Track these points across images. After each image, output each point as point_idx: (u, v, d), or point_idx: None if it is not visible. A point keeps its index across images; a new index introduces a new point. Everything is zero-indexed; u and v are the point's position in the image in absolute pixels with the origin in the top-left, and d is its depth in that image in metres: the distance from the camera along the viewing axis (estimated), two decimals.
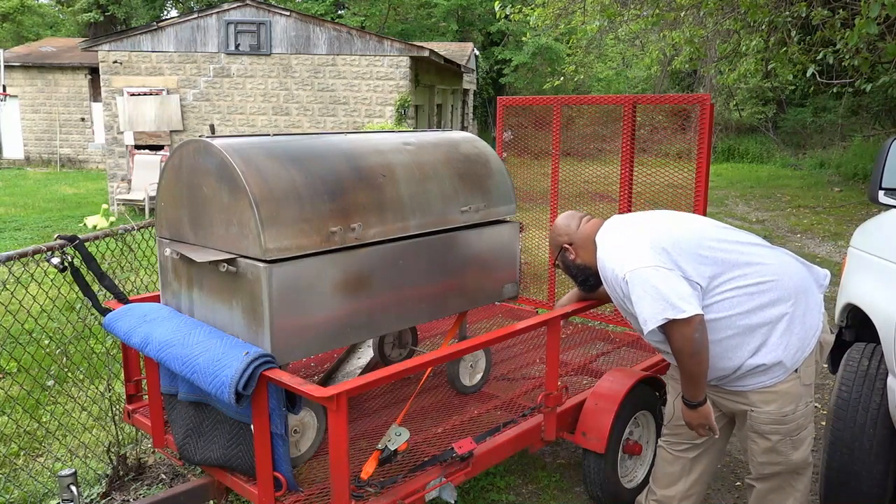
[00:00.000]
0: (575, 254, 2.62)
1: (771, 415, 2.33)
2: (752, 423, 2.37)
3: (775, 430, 2.34)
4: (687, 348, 2.18)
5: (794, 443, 2.37)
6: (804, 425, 2.38)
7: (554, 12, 10.67)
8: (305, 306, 2.36)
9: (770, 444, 2.37)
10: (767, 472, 2.43)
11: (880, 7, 5.11)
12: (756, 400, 2.34)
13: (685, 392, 2.31)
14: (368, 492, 2.30)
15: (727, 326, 2.28)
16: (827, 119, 21.29)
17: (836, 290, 3.82)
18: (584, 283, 2.68)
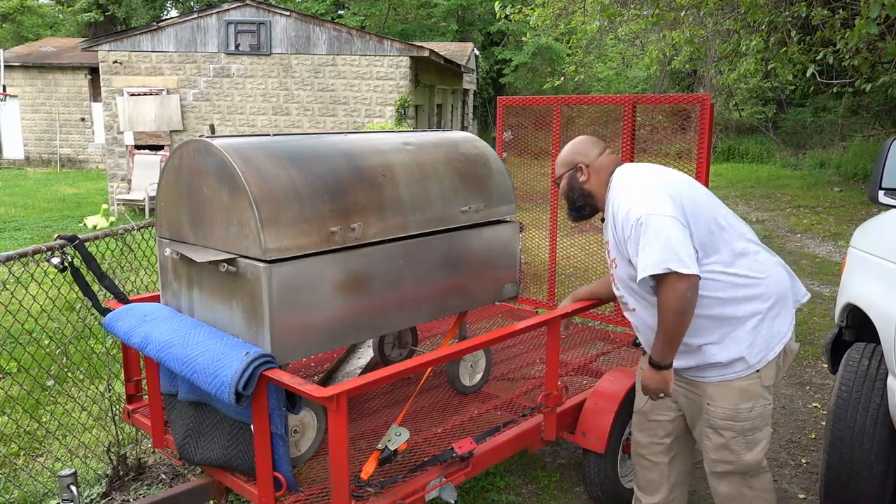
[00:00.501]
0: (587, 177, 2.53)
1: (727, 409, 2.33)
2: (708, 418, 2.38)
3: (730, 426, 2.34)
4: (677, 305, 2.18)
5: (748, 443, 2.36)
6: (759, 426, 2.37)
7: (554, 12, 10.67)
8: (305, 306, 2.36)
9: (723, 440, 2.36)
10: (719, 469, 2.42)
11: (880, 7, 5.11)
12: (713, 393, 2.35)
13: (656, 352, 2.30)
14: (368, 492, 2.30)
15: (702, 306, 2.28)
16: (827, 119, 21.29)
17: (836, 290, 3.82)
18: (580, 210, 2.59)
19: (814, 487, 3.41)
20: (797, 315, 6.14)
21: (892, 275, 2.68)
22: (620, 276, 2.45)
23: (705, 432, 2.41)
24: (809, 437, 3.96)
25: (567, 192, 2.60)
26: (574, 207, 2.60)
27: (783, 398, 4.50)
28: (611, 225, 2.42)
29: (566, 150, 2.62)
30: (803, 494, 3.36)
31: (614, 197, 2.42)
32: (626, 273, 2.38)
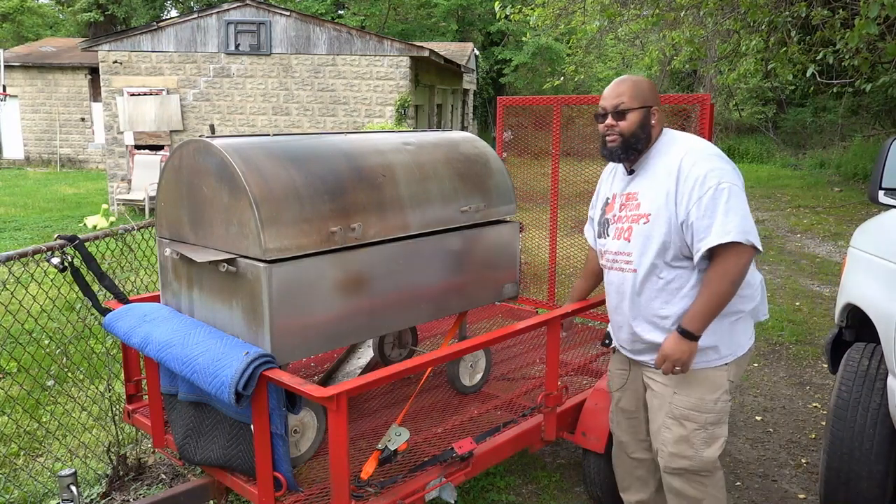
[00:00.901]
0: (657, 122, 2.37)
1: (692, 399, 2.34)
2: (672, 408, 2.37)
3: (692, 416, 2.34)
4: (738, 276, 2.19)
5: (708, 437, 2.35)
6: (721, 421, 2.37)
7: (554, 12, 10.66)
8: (305, 306, 2.36)
9: (685, 432, 2.36)
10: (675, 465, 2.40)
11: (880, 7, 5.10)
12: (680, 381, 2.35)
13: (695, 321, 2.23)
14: (368, 492, 2.30)
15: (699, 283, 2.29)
16: (827, 119, 21.30)
17: (836, 290, 3.82)
18: (632, 150, 2.37)
19: (814, 487, 3.41)
20: (797, 315, 6.16)
21: (892, 275, 2.68)
22: (645, 233, 2.32)
23: (666, 423, 2.39)
24: (809, 437, 3.96)
25: (633, 129, 2.34)
26: (630, 146, 2.36)
27: (783, 398, 4.50)
28: (663, 180, 2.29)
29: (643, 86, 2.39)
30: (803, 494, 3.36)
31: (679, 153, 2.30)
32: (657, 231, 2.28)
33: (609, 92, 2.40)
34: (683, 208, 2.23)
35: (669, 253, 2.28)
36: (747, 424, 4.11)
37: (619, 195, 2.48)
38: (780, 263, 8.22)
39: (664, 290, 2.33)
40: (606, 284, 2.57)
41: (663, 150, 2.37)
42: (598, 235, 2.58)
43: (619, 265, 2.44)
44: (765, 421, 4.17)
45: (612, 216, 2.48)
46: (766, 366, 5.05)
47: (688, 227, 2.23)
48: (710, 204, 2.19)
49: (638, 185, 2.40)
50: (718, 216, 2.17)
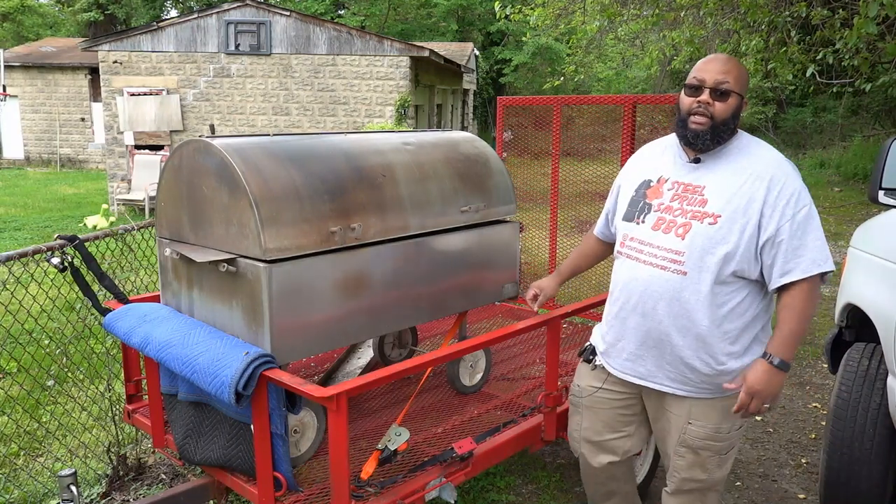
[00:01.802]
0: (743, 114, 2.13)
1: (708, 430, 2.17)
2: (686, 438, 2.20)
3: (708, 445, 2.19)
4: (817, 302, 2.05)
5: (721, 461, 2.22)
6: (734, 444, 2.24)
7: (554, 12, 10.66)
8: (305, 306, 2.36)
9: (699, 459, 2.21)
10: (687, 487, 2.27)
11: (879, 7, 5.10)
12: (696, 412, 2.17)
13: (788, 350, 1.99)
14: (368, 492, 2.30)
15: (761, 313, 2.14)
16: (827, 119, 21.31)
17: (836, 290, 3.82)
18: (718, 140, 2.10)
19: (814, 487, 3.41)
20: None
21: (892, 275, 2.68)
22: (709, 235, 2.05)
23: (679, 451, 2.23)
24: (809, 437, 3.96)
25: (727, 116, 2.08)
26: (717, 133, 2.09)
27: (783, 398, 4.50)
28: (745, 182, 2.05)
29: (742, 70, 2.11)
30: (803, 494, 3.36)
31: (769, 159, 2.08)
32: (726, 237, 2.03)
33: (712, 66, 2.08)
34: (775, 222, 1.99)
35: (731, 266, 2.03)
36: (747, 424, 4.11)
37: (671, 181, 2.18)
38: None
39: (734, 312, 2.08)
40: (623, 281, 2.24)
41: (745, 149, 2.12)
42: (626, 218, 2.26)
43: (658, 261, 2.12)
44: (765, 421, 4.17)
45: (658, 203, 2.17)
46: None
47: (774, 243, 2.00)
48: (804, 225, 2.00)
49: (706, 179, 2.11)
50: (812, 241, 2.00)
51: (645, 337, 2.19)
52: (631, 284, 2.20)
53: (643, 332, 2.19)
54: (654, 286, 2.13)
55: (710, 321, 2.08)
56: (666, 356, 2.16)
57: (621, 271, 2.26)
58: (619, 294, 2.25)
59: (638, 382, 2.27)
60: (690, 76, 2.12)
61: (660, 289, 2.12)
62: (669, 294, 2.10)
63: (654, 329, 2.16)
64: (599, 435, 2.44)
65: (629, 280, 2.21)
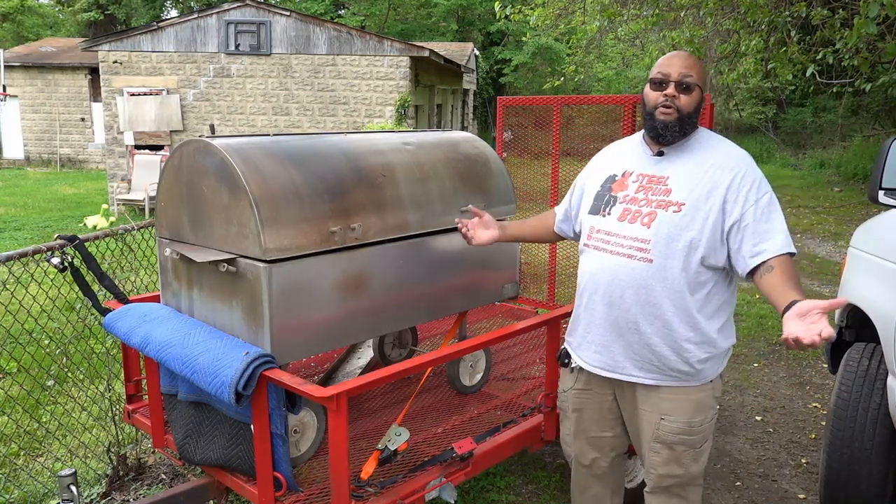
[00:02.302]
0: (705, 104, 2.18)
1: (681, 424, 2.18)
2: (659, 434, 2.20)
3: (682, 440, 2.19)
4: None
5: (696, 455, 2.23)
6: (708, 437, 2.25)
7: (554, 12, 10.66)
8: (305, 306, 2.36)
9: (674, 454, 2.22)
10: (665, 484, 2.27)
11: (879, 7, 5.10)
12: (668, 407, 2.18)
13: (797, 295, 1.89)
14: (368, 492, 2.30)
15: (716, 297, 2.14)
16: (827, 119, 21.31)
17: (836, 290, 3.81)
18: (682, 133, 2.16)
19: (814, 487, 3.41)
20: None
21: (892, 275, 2.68)
22: (673, 222, 2.08)
23: (653, 447, 2.24)
24: (809, 437, 3.96)
25: (691, 109, 2.14)
26: (684, 125, 2.15)
27: (783, 398, 4.50)
28: (707, 172, 2.09)
29: (703, 68, 2.19)
30: (803, 494, 3.36)
31: (731, 151, 2.16)
32: (689, 224, 2.06)
33: (676, 61, 2.15)
34: (739, 207, 2.04)
35: (697, 252, 2.07)
36: (747, 424, 4.11)
37: (636, 174, 2.22)
38: None
39: (699, 301, 2.10)
40: (590, 272, 2.26)
41: (706, 143, 2.19)
42: (592, 212, 2.29)
43: (624, 250, 2.15)
44: (765, 421, 4.17)
45: (624, 195, 2.21)
46: (766, 366, 5.05)
47: (739, 228, 2.04)
48: (768, 209, 2.06)
49: (669, 170, 2.16)
50: (777, 224, 2.06)
51: (613, 326, 2.21)
52: (598, 274, 2.22)
53: (611, 321, 2.21)
54: (621, 275, 2.15)
55: (675, 308, 2.11)
56: (633, 345, 2.18)
57: (588, 263, 2.29)
58: (587, 284, 2.27)
59: (608, 375, 2.28)
60: (654, 71, 2.17)
61: (627, 277, 2.14)
62: (636, 282, 2.13)
63: (621, 318, 2.18)
64: (587, 433, 2.43)
65: (596, 270, 2.23)
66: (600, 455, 2.45)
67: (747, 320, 6.04)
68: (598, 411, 2.39)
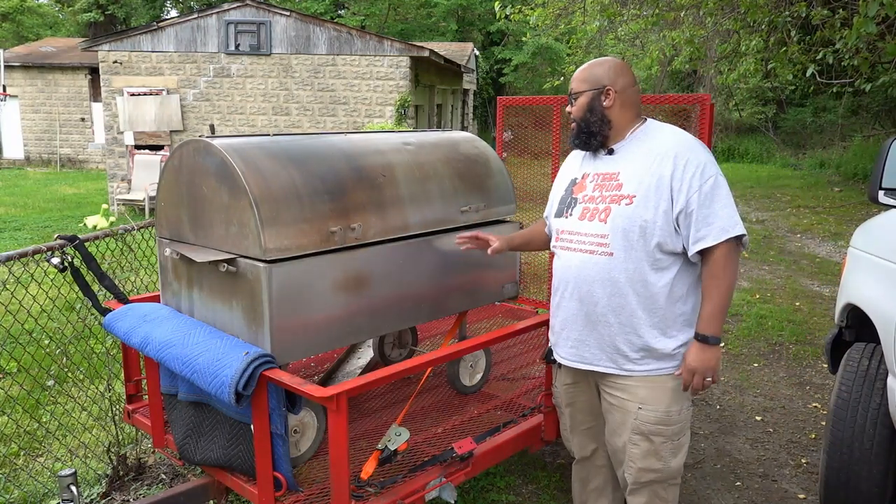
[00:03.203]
0: (611, 104, 2.25)
1: (658, 413, 2.23)
2: (638, 424, 2.25)
3: (660, 430, 2.24)
4: (734, 273, 2.12)
5: (675, 448, 2.28)
6: (684, 430, 2.29)
7: (554, 12, 10.67)
8: (305, 306, 2.36)
9: (653, 446, 2.26)
10: (644, 479, 2.31)
11: (878, 6, 5.10)
12: (645, 396, 2.23)
13: (712, 324, 2.11)
14: (368, 492, 2.30)
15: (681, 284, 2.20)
16: (827, 119, 21.32)
17: (836, 290, 3.81)
18: (591, 136, 2.28)
19: (814, 487, 3.41)
20: (797, 315, 6.12)
21: (892, 275, 2.68)
22: (627, 215, 2.16)
23: (633, 440, 2.28)
24: (809, 437, 3.96)
25: (584, 114, 2.28)
26: (587, 132, 2.28)
27: (783, 398, 4.50)
28: (653, 163, 2.17)
29: (593, 68, 2.29)
30: (803, 494, 3.36)
31: (671, 139, 2.21)
32: (641, 214, 2.14)
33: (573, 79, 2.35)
34: (684, 196, 2.11)
35: (652, 240, 2.14)
36: (747, 424, 4.11)
37: (592, 174, 2.32)
38: (779, 263, 8.22)
39: (662, 290, 2.17)
40: (559, 270, 2.35)
41: (651, 133, 2.26)
42: (557, 215, 2.40)
43: (586, 247, 2.25)
44: (765, 421, 4.17)
45: (583, 196, 2.31)
46: (766, 366, 5.05)
47: (686, 215, 2.11)
48: (711, 194, 2.10)
49: (619, 166, 2.25)
50: (720, 208, 2.10)
51: (585, 321, 2.29)
52: (566, 272, 2.32)
53: (582, 316, 2.29)
54: (586, 270, 2.24)
55: (639, 297, 2.18)
56: (605, 337, 2.25)
57: (557, 262, 2.38)
58: (558, 283, 2.37)
59: (585, 368, 2.34)
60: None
61: (591, 272, 2.23)
62: (601, 276, 2.22)
63: (591, 312, 2.26)
64: (583, 424, 2.51)
65: (564, 268, 2.33)
66: (599, 445, 2.51)
67: (747, 320, 6.04)
68: (588, 402, 2.47)
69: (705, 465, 3.62)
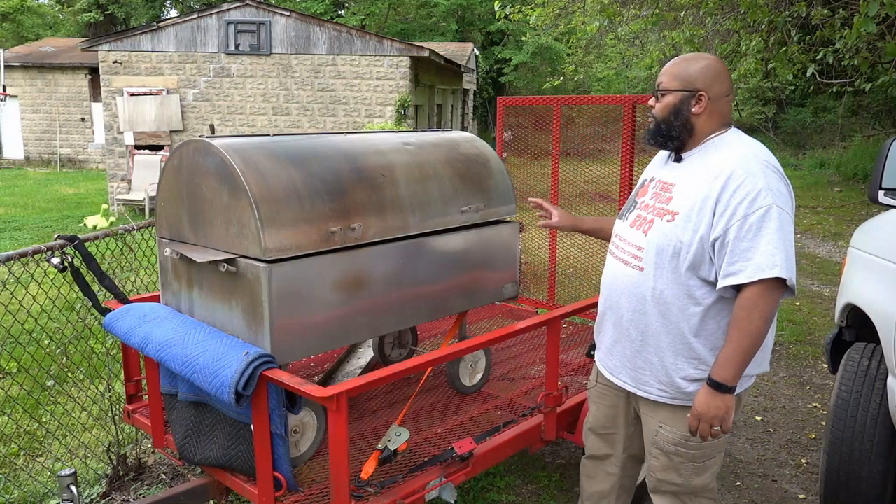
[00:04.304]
0: (702, 109, 2.04)
1: (677, 436, 2.11)
2: (657, 440, 2.17)
3: (679, 451, 2.14)
4: (771, 315, 1.89)
5: (697, 469, 2.15)
6: (711, 454, 2.14)
7: (554, 12, 10.66)
8: (305, 306, 2.36)
9: (672, 463, 2.16)
10: (664, 489, 2.23)
11: (878, 6, 5.10)
12: (665, 417, 2.14)
13: (726, 371, 1.90)
14: (368, 492, 2.30)
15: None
16: (827, 119, 21.31)
17: (836, 290, 3.82)
18: (668, 140, 2.10)
19: (814, 487, 3.41)
20: (797, 315, 6.11)
21: (892, 275, 2.68)
22: (665, 232, 2.03)
23: (653, 452, 2.21)
24: (809, 437, 3.96)
25: (667, 115, 2.08)
26: (665, 134, 2.10)
27: (783, 398, 4.50)
28: (705, 180, 1.99)
29: (689, 64, 2.07)
30: (803, 494, 3.36)
31: (736, 157, 1.98)
32: (676, 235, 2.00)
33: (663, 69, 2.13)
34: (724, 221, 1.91)
35: (683, 264, 1.98)
36: (747, 424, 4.11)
37: (656, 180, 2.18)
38: None
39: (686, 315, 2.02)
40: (603, 275, 2.30)
41: (720, 145, 2.06)
42: (620, 217, 2.30)
43: (625, 256, 2.16)
44: (765, 421, 4.17)
45: (642, 202, 2.19)
46: None
47: (723, 244, 1.92)
48: (757, 225, 1.87)
49: (679, 177, 2.09)
50: (763, 244, 1.86)
51: (612, 330, 2.25)
52: (606, 277, 2.28)
53: (611, 325, 2.25)
54: (619, 281, 2.18)
55: (663, 321, 2.06)
56: (627, 352, 2.20)
57: (606, 266, 2.32)
58: (602, 289, 2.32)
59: (607, 376, 2.32)
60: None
61: (622, 283, 2.16)
62: (629, 289, 2.13)
63: (618, 323, 2.21)
64: (603, 428, 2.45)
65: (606, 273, 2.29)
66: (613, 452, 2.45)
67: None
68: (612, 407, 2.39)
69: None
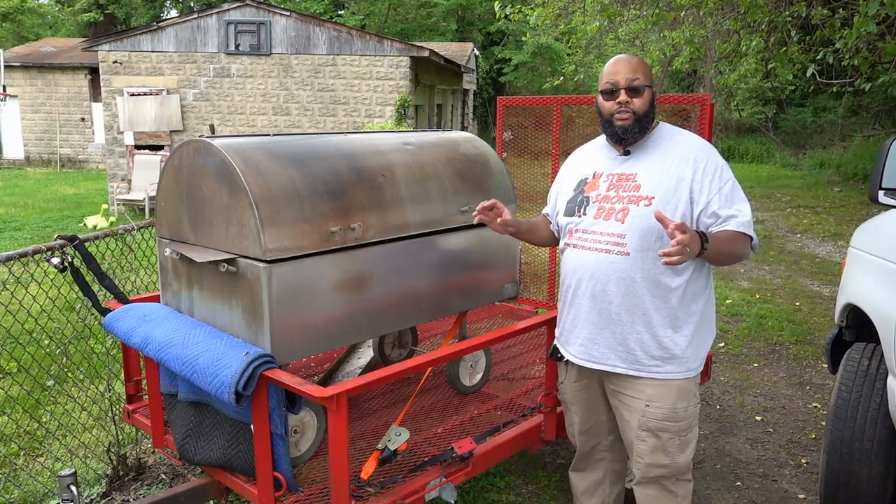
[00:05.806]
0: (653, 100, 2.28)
1: (665, 409, 2.26)
2: (645, 420, 2.28)
3: (667, 426, 2.27)
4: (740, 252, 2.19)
5: (682, 444, 2.30)
6: (692, 426, 2.32)
7: (554, 12, 10.67)
8: (305, 306, 2.36)
9: (660, 442, 2.29)
10: (653, 474, 2.33)
11: (879, 5, 5.10)
12: (653, 394, 2.26)
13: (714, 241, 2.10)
14: (368, 492, 2.30)
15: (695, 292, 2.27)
16: (827, 119, 21.32)
17: (836, 290, 3.81)
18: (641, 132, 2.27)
19: (814, 487, 3.41)
20: (797, 315, 6.13)
21: (892, 275, 2.68)
22: (646, 216, 2.17)
23: (640, 436, 2.31)
24: (809, 437, 3.96)
25: (647, 109, 2.25)
26: (643, 126, 2.26)
27: (783, 398, 4.50)
28: (673, 165, 2.20)
29: (643, 63, 2.28)
30: (803, 494, 3.36)
31: (692, 142, 2.27)
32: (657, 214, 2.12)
33: (622, 67, 2.25)
34: (705, 197, 2.17)
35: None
36: (747, 424, 4.11)
37: (606, 174, 2.34)
38: (780, 263, 8.22)
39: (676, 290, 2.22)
40: (571, 268, 2.36)
41: (668, 136, 2.30)
42: (567, 213, 2.40)
43: (602, 245, 2.26)
44: (765, 421, 4.17)
45: (596, 195, 2.33)
46: (766, 366, 5.05)
47: (710, 214, 2.17)
48: (731, 195, 2.19)
49: (636, 167, 2.27)
50: (741, 206, 2.20)
51: (597, 319, 2.31)
52: (580, 270, 2.34)
53: (595, 314, 2.31)
54: (602, 269, 2.27)
55: (653, 297, 2.22)
56: (617, 336, 2.28)
57: (569, 260, 2.39)
58: (570, 280, 2.38)
59: (595, 367, 2.37)
60: (603, 81, 2.29)
61: (607, 271, 2.26)
62: (617, 275, 2.24)
63: (604, 310, 2.28)
64: (587, 421, 2.54)
65: (578, 267, 2.35)
66: (600, 440, 2.56)
67: (747, 320, 6.04)
68: (592, 399, 2.50)
69: (705, 465, 3.62)
